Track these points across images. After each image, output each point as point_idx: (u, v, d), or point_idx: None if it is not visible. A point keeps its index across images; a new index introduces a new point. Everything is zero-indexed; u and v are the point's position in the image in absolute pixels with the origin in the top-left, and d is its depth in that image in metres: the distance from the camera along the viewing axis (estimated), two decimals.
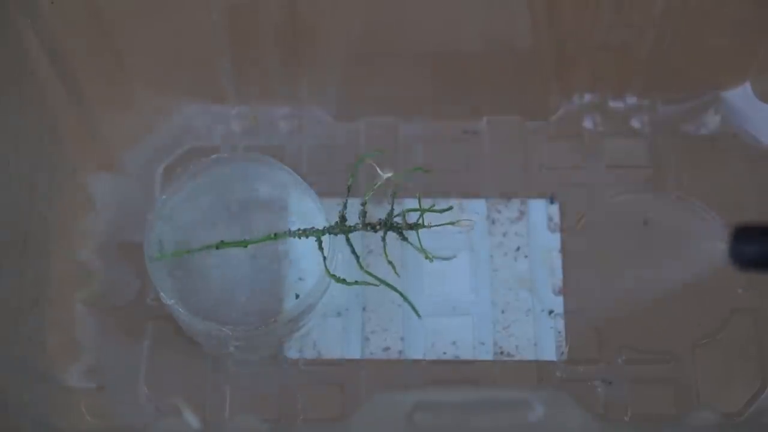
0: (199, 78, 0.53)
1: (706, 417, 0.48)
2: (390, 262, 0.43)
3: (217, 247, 0.46)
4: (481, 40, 0.52)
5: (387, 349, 0.50)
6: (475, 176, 0.53)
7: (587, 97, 0.54)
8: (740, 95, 0.54)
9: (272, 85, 0.53)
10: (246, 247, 0.46)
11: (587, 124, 0.54)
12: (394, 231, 0.44)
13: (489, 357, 0.49)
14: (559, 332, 0.50)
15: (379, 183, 0.42)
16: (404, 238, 0.44)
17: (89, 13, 0.49)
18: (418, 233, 0.44)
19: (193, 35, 0.51)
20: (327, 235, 0.45)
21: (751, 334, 0.49)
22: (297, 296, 0.47)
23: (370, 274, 0.44)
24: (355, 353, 0.49)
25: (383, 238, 0.44)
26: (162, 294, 0.46)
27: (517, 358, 0.49)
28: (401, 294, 0.44)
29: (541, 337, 0.50)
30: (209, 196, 0.50)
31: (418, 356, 0.49)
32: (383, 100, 0.54)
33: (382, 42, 0.52)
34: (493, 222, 0.52)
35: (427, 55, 0.53)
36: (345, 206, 0.45)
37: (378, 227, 0.44)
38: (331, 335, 0.50)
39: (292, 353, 0.49)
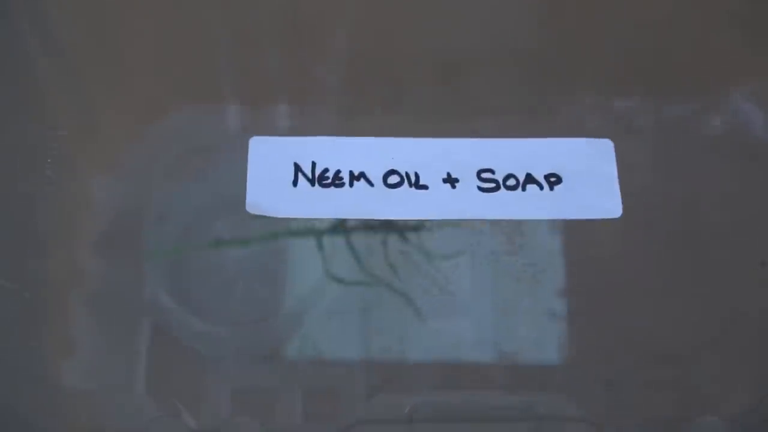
0: (198, 77, 0.53)
1: (710, 420, 0.47)
2: (390, 264, 0.43)
3: (216, 247, 0.46)
4: (483, 39, 0.52)
5: (387, 349, 0.49)
6: None
7: (590, 97, 0.54)
8: (744, 95, 0.53)
9: (272, 84, 0.53)
10: (245, 246, 0.46)
11: (590, 124, 0.54)
12: (394, 232, 0.44)
13: (489, 359, 0.49)
14: (561, 334, 0.49)
15: None
16: (405, 239, 0.44)
17: (89, 12, 0.49)
18: (418, 234, 0.43)
19: (191, 34, 0.51)
20: (327, 235, 0.45)
21: (756, 336, 0.49)
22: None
23: (370, 274, 0.43)
24: (354, 354, 0.49)
25: (384, 240, 0.44)
26: (159, 294, 0.45)
27: (518, 360, 0.49)
28: (402, 295, 0.43)
29: (542, 340, 0.49)
30: (208, 195, 0.50)
31: (418, 357, 0.49)
32: (385, 99, 0.54)
33: (384, 41, 0.52)
34: (495, 223, 0.51)
35: (428, 54, 0.52)
36: None
37: (378, 228, 0.44)
38: (331, 336, 0.49)
39: (291, 354, 0.49)
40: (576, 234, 0.51)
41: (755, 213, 0.51)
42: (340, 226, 0.44)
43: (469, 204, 0.45)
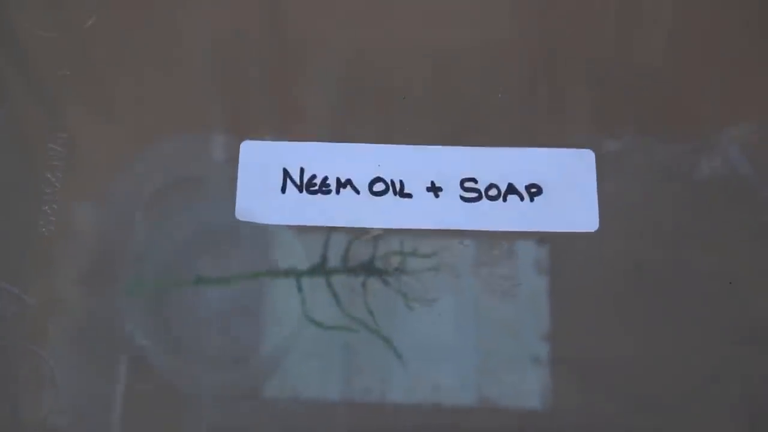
0: (184, 107, 0.52)
1: None
2: (370, 311, 0.42)
3: (195, 284, 0.45)
4: (473, 44, 0.51)
5: (367, 390, 0.49)
6: None
7: (579, 137, 0.53)
8: (740, 137, 0.52)
9: (259, 113, 0.52)
10: (225, 285, 0.45)
11: None
12: (374, 275, 0.43)
13: (471, 403, 0.48)
14: (545, 380, 0.48)
15: (366, 237, 0.42)
16: (385, 282, 0.43)
17: (72, 41, 0.49)
18: (398, 278, 0.43)
19: (177, 64, 0.50)
20: (307, 276, 0.44)
21: (742, 389, 0.48)
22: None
23: (350, 316, 0.43)
24: (334, 394, 0.48)
25: (363, 284, 0.43)
26: (138, 330, 0.45)
27: (499, 405, 0.48)
28: (382, 337, 0.43)
29: (525, 385, 0.48)
30: (190, 229, 0.49)
31: (399, 399, 0.48)
32: (375, 124, 0.53)
33: (371, 65, 0.52)
34: (479, 264, 0.51)
35: (418, 80, 0.52)
36: (327, 245, 0.44)
37: (359, 271, 0.43)
38: (310, 375, 0.48)
39: (270, 393, 0.48)
40: (562, 278, 0.50)
41: (748, 258, 0.50)
42: (321, 269, 0.44)
43: (452, 214, 0.46)
